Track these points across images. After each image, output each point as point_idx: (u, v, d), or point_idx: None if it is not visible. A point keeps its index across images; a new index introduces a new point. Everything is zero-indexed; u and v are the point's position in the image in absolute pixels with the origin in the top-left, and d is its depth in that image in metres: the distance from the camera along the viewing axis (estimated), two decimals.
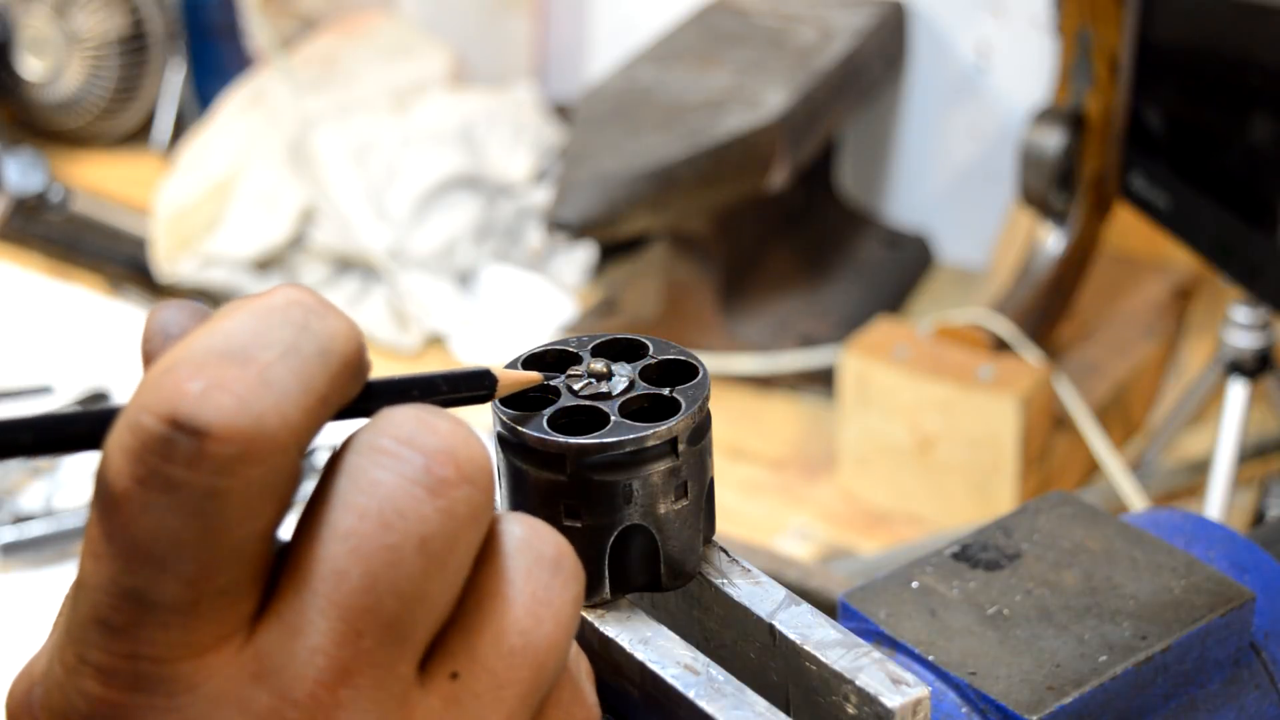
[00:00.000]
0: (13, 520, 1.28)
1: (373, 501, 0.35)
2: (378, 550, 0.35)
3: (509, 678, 0.37)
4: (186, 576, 0.34)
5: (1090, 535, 0.56)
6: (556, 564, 0.38)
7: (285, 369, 0.35)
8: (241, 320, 0.35)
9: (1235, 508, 1.25)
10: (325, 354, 0.36)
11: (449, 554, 0.36)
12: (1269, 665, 0.55)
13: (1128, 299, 1.49)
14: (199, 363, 0.34)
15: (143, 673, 0.35)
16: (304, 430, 0.35)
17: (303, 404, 0.35)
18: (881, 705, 0.41)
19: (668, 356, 0.45)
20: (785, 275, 1.57)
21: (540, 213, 1.66)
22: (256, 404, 0.34)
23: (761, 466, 1.39)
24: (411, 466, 0.35)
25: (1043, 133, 1.34)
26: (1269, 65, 1.16)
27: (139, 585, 0.34)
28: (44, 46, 1.94)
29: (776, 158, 1.39)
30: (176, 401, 0.33)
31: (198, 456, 0.33)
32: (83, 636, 0.35)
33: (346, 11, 1.89)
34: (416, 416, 0.36)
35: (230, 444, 0.33)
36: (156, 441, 0.33)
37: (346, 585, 0.35)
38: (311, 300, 0.36)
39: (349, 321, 0.37)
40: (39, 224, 1.79)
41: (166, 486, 0.34)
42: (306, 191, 1.66)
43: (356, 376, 0.37)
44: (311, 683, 0.35)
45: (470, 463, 0.36)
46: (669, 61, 1.51)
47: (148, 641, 0.34)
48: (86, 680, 0.35)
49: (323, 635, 0.35)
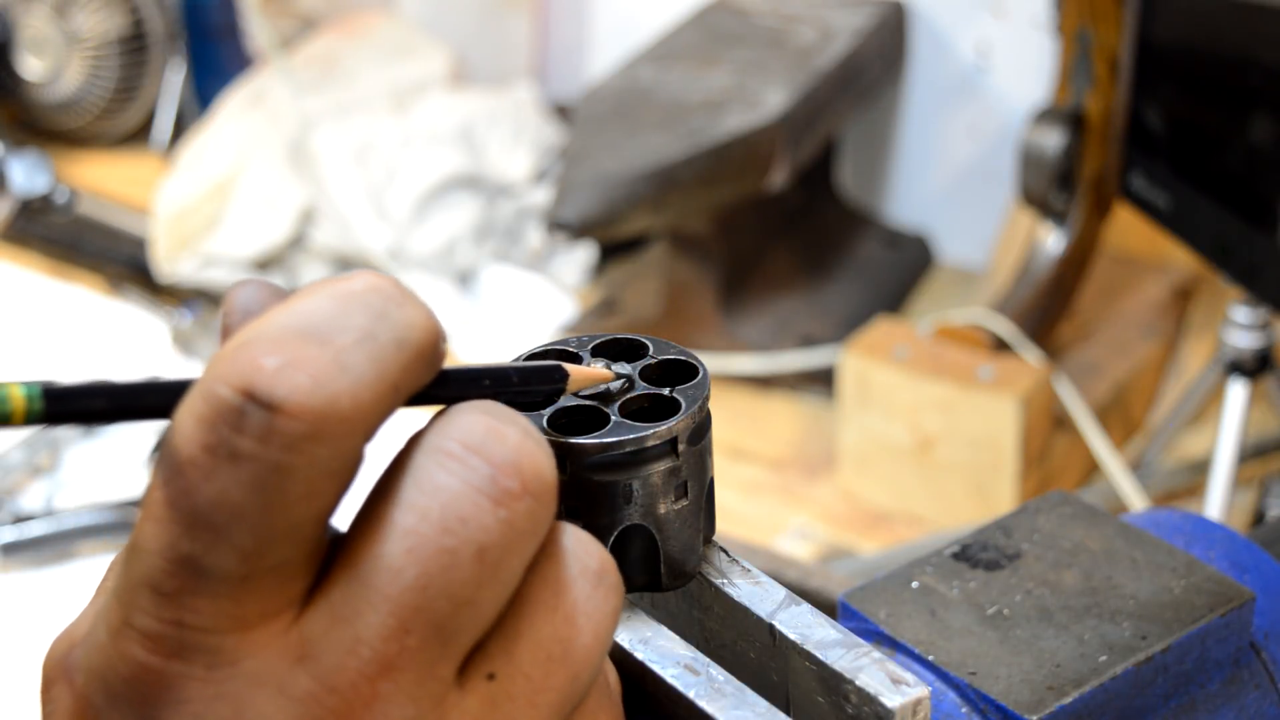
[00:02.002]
0: (13, 520, 1.28)
1: (435, 504, 0.35)
2: (435, 553, 0.35)
3: (545, 684, 0.37)
4: (242, 548, 0.34)
5: (1090, 535, 0.56)
6: (600, 576, 0.38)
7: (361, 354, 0.35)
8: (321, 302, 0.36)
9: (1235, 508, 1.25)
10: (401, 342, 0.36)
11: (504, 564, 0.36)
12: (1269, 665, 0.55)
13: (1128, 299, 1.49)
14: (276, 339, 0.35)
15: (187, 641, 0.35)
16: (374, 416, 0.35)
17: (375, 390, 0.35)
18: (881, 705, 0.41)
19: (668, 356, 0.45)
20: (785, 275, 1.57)
21: (540, 213, 1.66)
22: (330, 385, 0.34)
23: (761, 466, 1.39)
24: (478, 475, 0.36)
25: (1043, 133, 1.34)
26: (1269, 65, 1.16)
27: (194, 552, 0.34)
28: (44, 46, 1.94)
29: (776, 158, 1.39)
30: (252, 375, 0.34)
31: (268, 430, 0.34)
32: (132, 600, 0.35)
33: (346, 11, 1.89)
34: (486, 423, 0.36)
35: (301, 421, 0.34)
36: (229, 411, 0.34)
37: (400, 583, 0.35)
38: (391, 288, 0.37)
39: (427, 311, 0.37)
40: (39, 224, 1.79)
41: (234, 456, 0.34)
42: (306, 191, 1.66)
43: (430, 366, 0.37)
44: (353, 672, 0.35)
45: (535, 477, 0.36)
46: (669, 61, 1.51)
47: (195, 610, 0.35)
48: (131, 644, 0.35)
49: (370, 628, 0.35)
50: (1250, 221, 1.16)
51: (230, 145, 1.72)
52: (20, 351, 1.61)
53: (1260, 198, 1.16)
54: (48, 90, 1.96)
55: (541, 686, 0.37)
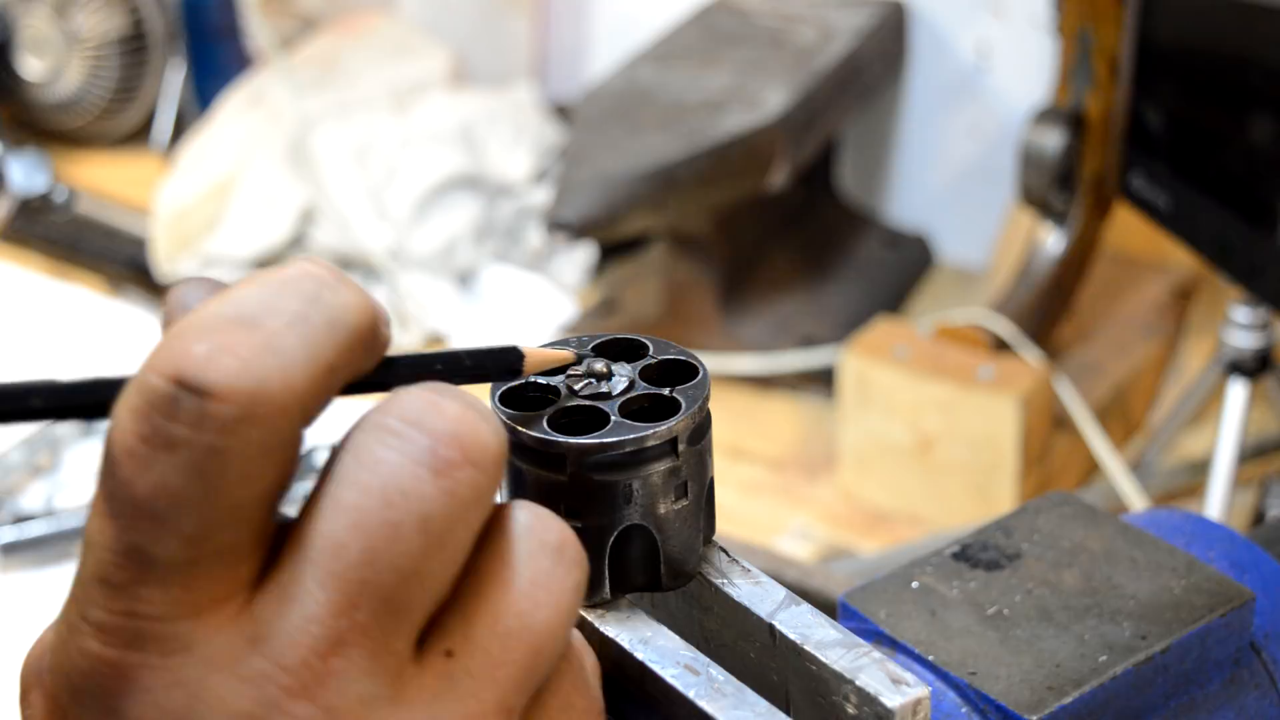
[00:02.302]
0: (13, 520, 1.28)
1: (376, 479, 0.36)
2: (378, 526, 0.36)
3: (504, 658, 0.37)
4: (186, 534, 0.35)
5: (1090, 535, 0.56)
6: (559, 551, 0.38)
7: (292, 336, 0.36)
8: (253, 290, 0.36)
9: (1235, 508, 1.25)
10: (334, 324, 0.37)
11: (449, 534, 0.36)
12: (1269, 665, 0.55)
13: (1128, 299, 1.49)
14: (207, 327, 0.35)
15: (140, 631, 0.35)
16: (308, 397, 0.36)
17: (308, 371, 0.36)
18: (881, 705, 0.41)
19: (668, 356, 0.45)
20: (785, 275, 1.57)
21: (540, 213, 1.66)
22: (260, 367, 0.35)
23: (761, 466, 1.39)
24: (416, 447, 0.36)
25: (1043, 133, 1.34)
26: (1269, 65, 1.16)
27: (139, 542, 0.35)
28: (44, 46, 1.94)
29: (776, 158, 1.39)
30: (182, 362, 0.35)
31: (201, 415, 0.34)
32: (85, 595, 0.36)
33: (346, 11, 1.89)
34: (425, 397, 0.37)
35: (232, 404, 0.34)
36: (162, 400, 0.34)
37: (345, 558, 0.35)
38: (324, 273, 0.37)
39: (363, 295, 0.38)
40: (39, 224, 1.79)
41: (170, 444, 0.34)
42: (306, 191, 1.66)
43: (369, 349, 0.38)
44: (305, 650, 0.35)
45: (476, 446, 0.37)
46: (669, 61, 1.51)
47: (146, 600, 0.35)
48: (87, 638, 0.36)
49: (319, 605, 0.35)
50: (1250, 221, 1.16)
51: (230, 145, 1.72)
52: (20, 351, 1.61)
53: (1260, 198, 1.16)
54: (48, 90, 1.96)
55: (500, 661, 0.37)
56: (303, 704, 0.35)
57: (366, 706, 0.36)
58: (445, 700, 0.37)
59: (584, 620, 0.44)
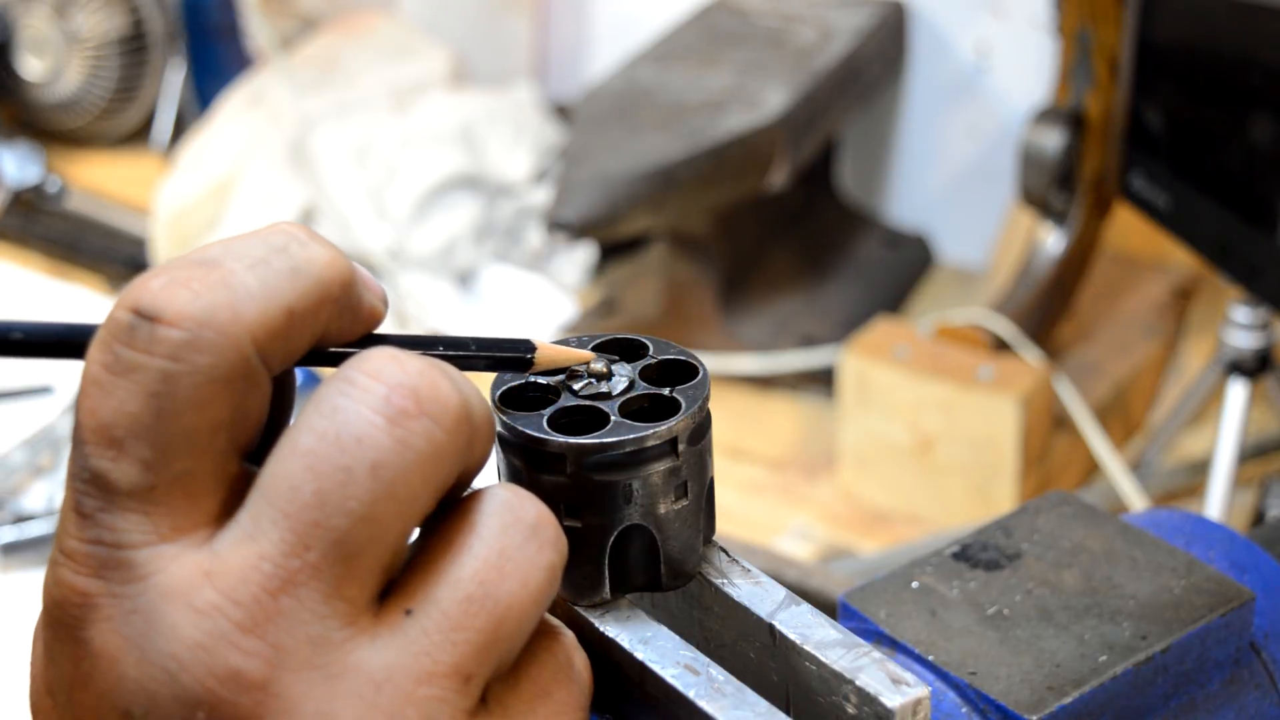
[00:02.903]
0: (13, 520, 1.28)
1: (331, 425, 0.37)
2: (331, 470, 0.37)
3: (463, 623, 0.38)
4: (143, 459, 0.37)
5: (1090, 535, 0.56)
6: (534, 529, 0.39)
7: (250, 275, 0.37)
8: (224, 241, 0.39)
9: (1235, 508, 1.25)
10: (296, 271, 0.38)
11: (401, 483, 0.37)
12: (1269, 665, 0.55)
13: (1128, 299, 1.49)
14: (170, 267, 0.37)
15: (105, 558, 0.37)
16: (262, 333, 0.37)
17: (260, 306, 0.37)
18: (881, 705, 0.41)
19: (668, 356, 0.45)
20: (785, 275, 1.57)
21: (540, 213, 1.66)
22: (209, 296, 0.37)
23: (761, 466, 1.39)
24: (372, 396, 0.37)
25: (1043, 133, 1.34)
26: (1269, 65, 1.16)
27: (102, 467, 0.37)
28: (44, 46, 1.94)
29: (776, 158, 1.39)
30: (140, 293, 0.37)
31: (152, 340, 0.36)
32: (62, 527, 0.38)
33: (346, 11, 1.89)
34: (388, 352, 0.38)
35: (179, 328, 0.36)
36: (120, 328, 0.37)
37: (298, 499, 0.36)
38: (298, 230, 0.39)
39: (337, 255, 0.39)
40: (39, 223, 1.79)
41: (126, 369, 0.36)
42: (306, 191, 1.66)
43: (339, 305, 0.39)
44: (256, 586, 0.36)
45: (433, 400, 0.37)
46: (669, 61, 1.51)
47: (110, 527, 0.37)
48: (61, 568, 0.37)
49: (272, 543, 0.36)
50: (1250, 221, 1.16)
51: (230, 145, 1.72)
52: None
53: (1260, 198, 1.16)
54: (48, 90, 1.96)
55: (459, 625, 0.37)
56: (251, 639, 0.36)
57: (315, 648, 0.36)
58: (399, 655, 0.37)
59: (584, 620, 0.44)
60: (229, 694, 0.36)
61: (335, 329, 0.39)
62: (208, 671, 0.36)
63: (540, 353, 0.43)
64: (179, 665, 0.36)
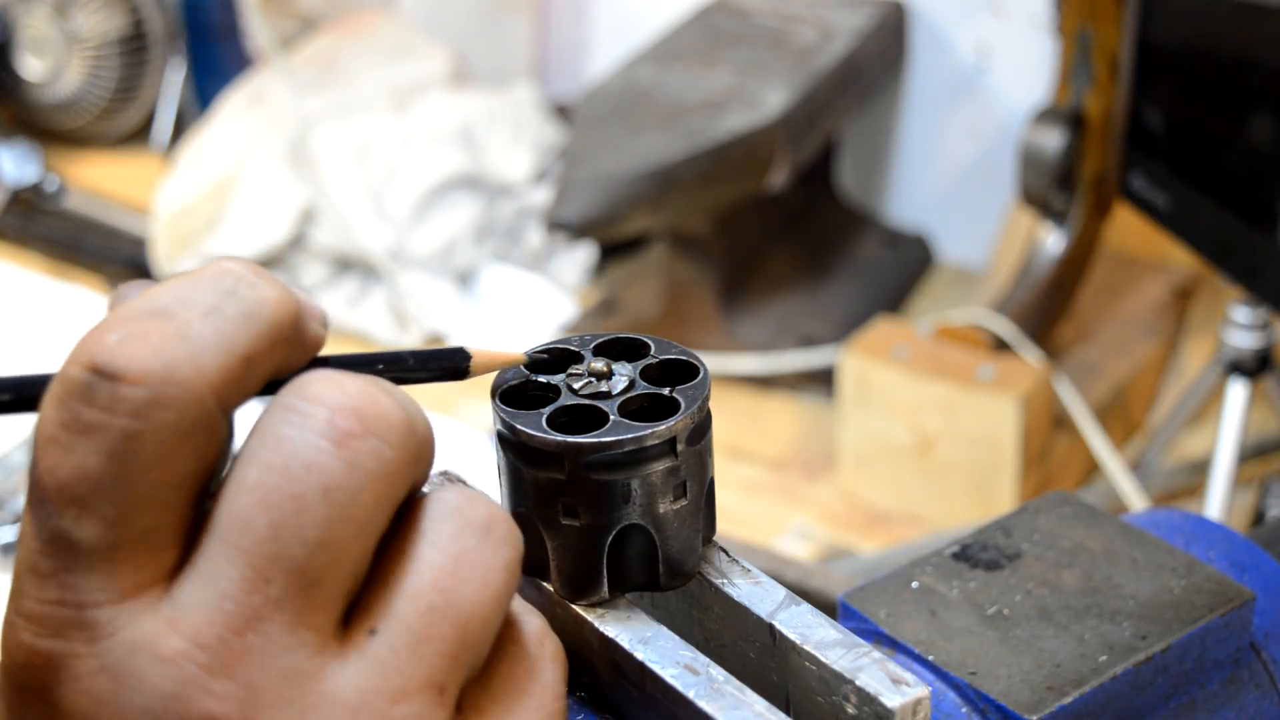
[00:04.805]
0: (13, 520, 1.28)
1: (278, 455, 0.37)
2: (282, 500, 0.36)
3: (428, 634, 0.37)
4: (106, 518, 0.36)
5: (1090, 535, 0.56)
6: (486, 529, 0.39)
7: (206, 325, 0.37)
8: (170, 286, 0.38)
9: (1235, 508, 1.25)
10: (249, 316, 0.37)
11: (354, 505, 0.37)
12: (1269, 665, 0.55)
13: (1128, 299, 1.49)
14: (122, 319, 0.37)
15: (67, 619, 0.36)
16: (221, 383, 0.37)
17: (219, 359, 0.37)
18: (881, 705, 0.41)
19: (668, 356, 0.45)
20: (785, 275, 1.57)
21: (540, 213, 1.66)
22: (169, 351, 0.36)
23: (761, 466, 1.39)
24: (315, 420, 0.37)
25: (1043, 133, 1.34)
26: (1269, 65, 1.16)
27: (63, 527, 0.36)
28: (44, 46, 1.94)
29: (776, 158, 1.39)
30: (96, 350, 0.36)
31: (114, 399, 0.36)
32: (18, 588, 0.37)
33: (346, 11, 1.89)
34: (326, 375, 0.38)
35: (143, 386, 0.36)
36: (78, 387, 0.36)
37: (253, 534, 0.36)
38: (243, 270, 0.38)
39: (284, 291, 0.39)
40: (39, 223, 1.79)
41: (86, 429, 0.36)
42: (306, 191, 1.66)
43: (291, 343, 0.39)
44: (220, 627, 0.36)
45: (377, 418, 0.37)
46: (669, 61, 1.51)
47: (71, 587, 0.36)
48: (21, 631, 0.37)
49: (231, 582, 0.36)
50: (1250, 221, 1.16)
51: (230, 145, 1.72)
52: (20, 351, 1.60)
53: (1260, 198, 1.16)
54: (48, 90, 1.96)
55: (424, 636, 0.37)
56: (222, 681, 0.36)
57: (288, 682, 0.36)
58: (370, 677, 0.37)
59: (584, 620, 0.44)
60: None
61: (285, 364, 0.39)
62: None
63: (475, 359, 0.43)
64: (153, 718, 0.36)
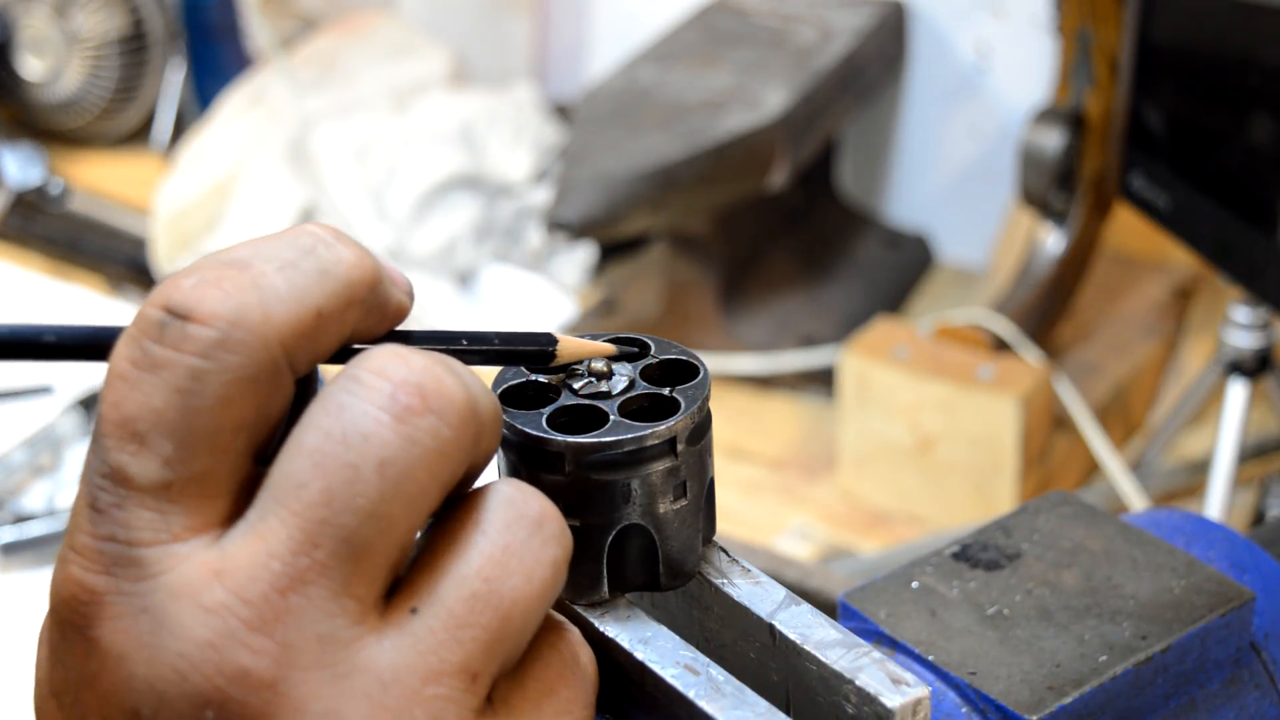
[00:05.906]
0: (13, 520, 1.28)
1: (338, 423, 0.37)
2: (338, 467, 0.37)
3: (469, 620, 0.38)
4: (164, 455, 0.37)
5: (1090, 535, 0.56)
6: (538, 524, 0.39)
7: (279, 277, 0.38)
8: (252, 241, 0.39)
9: (1235, 508, 1.25)
10: (324, 273, 0.38)
11: (408, 479, 0.37)
12: (1269, 665, 0.55)
13: (1128, 299, 1.49)
14: (200, 267, 0.38)
15: (117, 555, 0.37)
16: (290, 335, 0.37)
17: (290, 307, 0.37)
18: (881, 705, 0.41)
19: (668, 356, 0.45)
20: (785, 275, 1.57)
21: (540, 213, 1.66)
22: (240, 296, 0.37)
23: (761, 466, 1.39)
24: (378, 393, 0.37)
25: (1043, 133, 1.34)
26: (1269, 65, 1.16)
27: (121, 461, 0.37)
28: (44, 46, 1.94)
29: (776, 158, 1.39)
30: (172, 293, 0.37)
31: (182, 337, 0.36)
32: (74, 524, 0.38)
33: (346, 11, 1.89)
34: (393, 349, 0.38)
35: (211, 327, 0.36)
36: (151, 325, 0.37)
37: (306, 497, 0.37)
38: (324, 232, 0.39)
39: (363, 254, 0.39)
40: (39, 223, 1.79)
41: (154, 365, 0.37)
42: (306, 191, 1.66)
43: (368, 306, 0.39)
44: (265, 585, 0.36)
45: (439, 396, 0.37)
46: (669, 61, 1.51)
47: (124, 523, 0.37)
48: (72, 565, 0.37)
49: (281, 542, 0.36)
50: (1250, 221, 1.16)
51: (230, 145, 1.72)
52: None
53: (1260, 198, 1.16)
54: (48, 90, 1.95)
55: (465, 622, 0.38)
56: (260, 638, 0.36)
57: (324, 647, 0.36)
58: (406, 654, 0.37)
59: (584, 620, 0.44)
60: (238, 693, 0.36)
61: (363, 328, 0.40)
62: (217, 670, 0.36)
63: (562, 346, 0.43)
64: (188, 664, 0.36)
